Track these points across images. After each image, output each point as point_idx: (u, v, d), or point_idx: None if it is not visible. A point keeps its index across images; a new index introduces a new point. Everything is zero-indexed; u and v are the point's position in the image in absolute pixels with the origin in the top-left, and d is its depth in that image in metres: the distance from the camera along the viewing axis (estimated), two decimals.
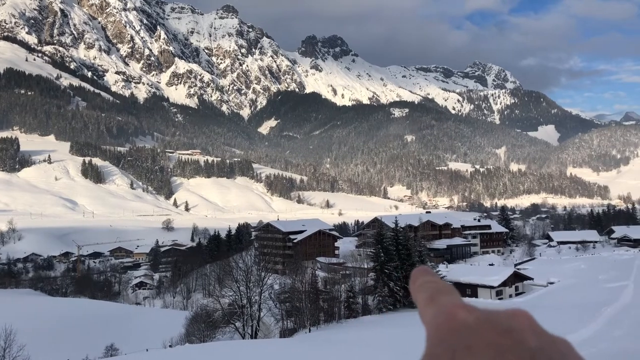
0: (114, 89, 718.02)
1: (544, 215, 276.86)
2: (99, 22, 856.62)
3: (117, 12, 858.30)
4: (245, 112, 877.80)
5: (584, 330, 31.93)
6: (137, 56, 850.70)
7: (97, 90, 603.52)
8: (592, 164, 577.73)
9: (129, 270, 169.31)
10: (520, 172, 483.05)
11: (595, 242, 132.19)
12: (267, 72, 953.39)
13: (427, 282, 0.93)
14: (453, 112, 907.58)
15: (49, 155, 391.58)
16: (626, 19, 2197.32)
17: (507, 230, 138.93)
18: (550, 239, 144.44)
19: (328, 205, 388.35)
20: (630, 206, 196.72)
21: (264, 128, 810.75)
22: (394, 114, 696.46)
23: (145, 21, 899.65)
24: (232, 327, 58.15)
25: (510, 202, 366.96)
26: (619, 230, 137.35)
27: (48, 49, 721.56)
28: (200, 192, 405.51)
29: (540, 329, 0.75)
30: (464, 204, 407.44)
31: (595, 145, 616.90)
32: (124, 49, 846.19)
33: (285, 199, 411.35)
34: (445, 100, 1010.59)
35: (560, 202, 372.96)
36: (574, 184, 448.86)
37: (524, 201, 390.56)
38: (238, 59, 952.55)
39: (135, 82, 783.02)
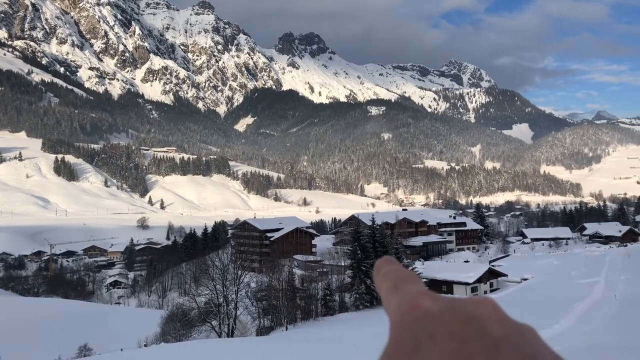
0: (87, 85, 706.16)
1: (518, 213, 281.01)
2: (72, 17, 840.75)
3: (90, 7, 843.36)
4: (222, 109, 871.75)
5: (556, 325, 32.48)
6: (111, 52, 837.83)
7: (70, 86, 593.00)
8: (565, 162, 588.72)
9: (103, 269, 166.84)
10: (495, 170, 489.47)
11: (568, 239, 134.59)
12: (243, 69, 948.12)
13: (391, 271, 0.92)
14: (429, 110, 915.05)
15: (20, 153, 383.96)
16: (597, 20, 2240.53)
17: (482, 227, 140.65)
18: (524, 236, 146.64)
19: (305, 203, 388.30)
20: (601, 204, 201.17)
21: (241, 125, 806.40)
22: (371, 112, 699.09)
23: (119, 16, 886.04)
24: (209, 326, 57.78)
25: (485, 200, 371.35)
26: (591, 227, 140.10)
27: (19, 43, 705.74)
28: (176, 190, 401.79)
29: (505, 317, 0.75)
30: (440, 201, 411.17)
31: (568, 143, 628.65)
32: (98, 45, 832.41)
33: (262, 197, 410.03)
34: (422, 99, 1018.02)
35: (534, 200, 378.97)
36: (547, 181, 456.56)
37: (499, 199, 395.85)
38: (214, 56, 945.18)
39: (109, 78, 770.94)
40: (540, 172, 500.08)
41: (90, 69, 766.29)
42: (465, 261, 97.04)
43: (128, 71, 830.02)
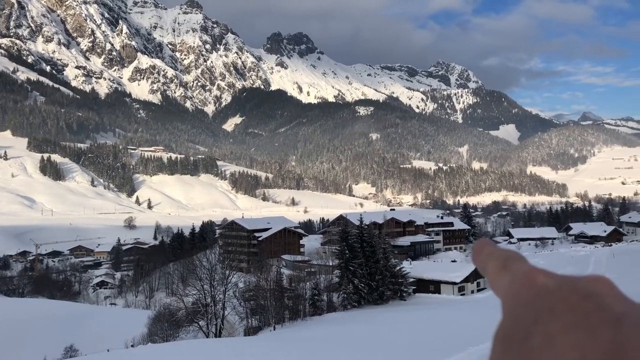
0: (74, 83, 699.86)
1: (504, 213, 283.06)
2: (58, 15, 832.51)
3: (77, 5, 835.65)
4: (210, 109, 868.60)
5: None
6: (98, 50, 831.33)
7: (56, 85, 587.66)
8: (551, 163, 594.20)
9: (89, 270, 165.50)
10: (482, 170, 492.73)
11: (554, 238, 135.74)
12: (232, 68, 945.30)
13: (495, 250, 0.92)
14: (417, 110, 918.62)
15: (5, 152, 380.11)
16: (583, 22, 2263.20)
17: (469, 227, 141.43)
18: (510, 235, 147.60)
19: (293, 202, 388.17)
20: (587, 204, 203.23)
21: (229, 125, 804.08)
22: (359, 112, 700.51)
23: (106, 15, 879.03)
24: (196, 326, 57.60)
25: (472, 200, 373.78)
26: (576, 227, 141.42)
27: (4, 41, 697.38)
28: (164, 190, 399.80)
29: (623, 295, 0.74)
30: (428, 201, 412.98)
31: (554, 144, 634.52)
32: (85, 43, 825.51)
33: (250, 197, 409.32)
34: (410, 99, 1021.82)
35: (521, 200, 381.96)
36: (533, 182, 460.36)
37: (486, 199, 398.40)
38: (202, 55, 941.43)
39: (96, 77, 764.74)
40: (526, 172, 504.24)
41: (77, 67, 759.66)
42: (452, 261, 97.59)
43: (115, 70, 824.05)
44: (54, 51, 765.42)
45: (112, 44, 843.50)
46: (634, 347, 0.59)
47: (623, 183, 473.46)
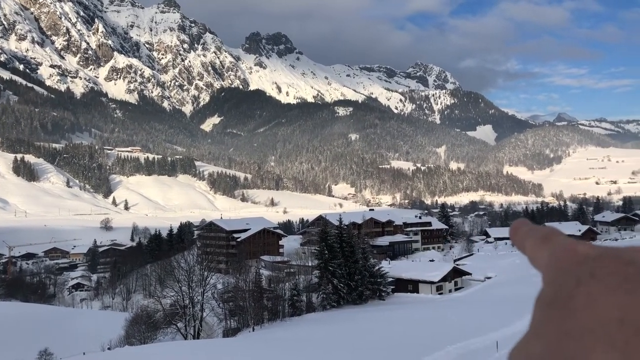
0: (48, 83, 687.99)
1: (482, 213, 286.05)
2: (32, 13, 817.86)
3: (51, 3, 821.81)
4: (188, 109, 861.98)
5: (519, 322, 33.20)
6: (73, 49, 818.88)
7: (30, 84, 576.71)
8: (527, 163, 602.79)
9: (65, 272, 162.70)
10: (460, 170, 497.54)
11: None
12: (210, 68, 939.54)
13: (534, 228, 0.96)
14: (396, 111, 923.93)
15: None
16: (558, 25, 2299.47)
17: (447, 227, 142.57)
18: (487, 235, 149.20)
19: (273, 203, 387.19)
20: (562, 203, 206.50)
21: (207, 125, 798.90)
22: (339, 113, 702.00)
23: (82, 13, 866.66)
24: (174, 328, 57.07)
25: (450, 200, 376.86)
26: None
27: None
28: (141, 191, 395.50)
29: None
30: (406, 201, 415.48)
31: (530, 144, 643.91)
32: (59, 42, 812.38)
33: (229, 197, 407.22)
34: (388, 100, 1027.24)
35: (497, 200, 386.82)
36: (510, 182, 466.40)
37: (463, 199, 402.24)
38: (180, 55, 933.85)
39: (71, 77, 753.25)
40: (503, 172, 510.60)
41: (52, 66, 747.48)
42: (430, 260, 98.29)
43: (91, 69, 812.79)
44: (28, 49, 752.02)
45: (87, 43, 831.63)
46: None
47: (597, 183, 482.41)
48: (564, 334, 0.67)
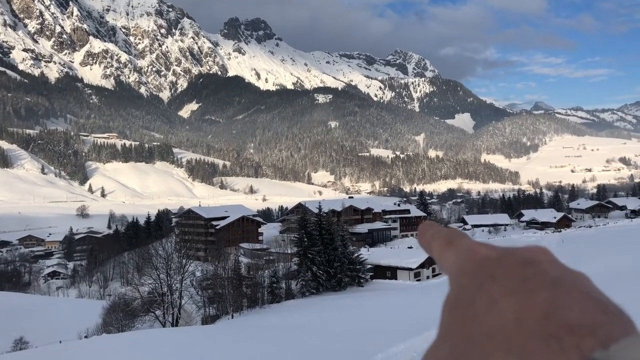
0: (21, 67, 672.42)
1: (459, 200, 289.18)
2: None
3: None
4: (165, 95, 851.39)
5: None
6: (47, 33, 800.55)
7: (1, 68, 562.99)
8: (505, 151, 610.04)
9: (40, 260, 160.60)
10: (438, 158, 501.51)
11: (507, 225, 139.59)
12: (188, 53, 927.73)
13: (440, 230, 0.97)
14: (375, 99, 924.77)
15: None
16: (536, 14, 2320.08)
17: (425, 214, 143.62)
18: (465, 222, 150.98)
19: (252, 191, 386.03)
20: (538, 191, 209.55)
21: (185, 111, 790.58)
22: (318, 100, 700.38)
23: None
24: (152, 316, 56.80)
25: (428, 188, 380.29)
26: (528, 214, 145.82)
27: None
28: (117, 178, 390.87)
29: (559, 262, 0.78)
30: (385, 189, 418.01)
31: (507, 133, 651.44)
32: (32, 25, 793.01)
33: (207, 185, 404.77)
34: (368, 87, 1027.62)
35: (475, 187, 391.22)
36: (487, 169, 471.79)
37: (441, 186, 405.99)
38: (157, 40, 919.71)
39: (45, 61, 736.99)
40: (481, 160, 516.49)
41: (25, 50, 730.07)
42: (409, 247, 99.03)
43: (66, 54, 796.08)
44: (0, 33, 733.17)
45: (62, 27, 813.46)
46: (567, 307, 0.63)
47: (572, 171, 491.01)
48: (467, 339, 0.69)
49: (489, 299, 0.70)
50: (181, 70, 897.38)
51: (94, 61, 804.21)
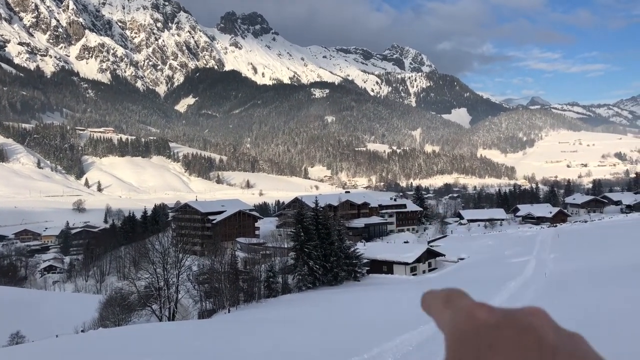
0: (17, 61, 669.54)
1: (455, 195, 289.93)
2: None
3: None
4: (162, 89, 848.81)
5: (490, 302, 33.85)
6: (42, 27, 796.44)
7: None
8: (501, 146, 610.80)
9: (36, 254, 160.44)
10: (434, 153, 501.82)
11: (502, 219, 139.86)
12: (184, 48, 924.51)
13: (436, 292, 0.96)
14: (372, 94, 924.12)
15: None
16: (533, 8, 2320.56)
17: (421, 209, 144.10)
18: (461, 217, 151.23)
19: (248, 185, 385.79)
20: (534, 186, 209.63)
21: (181, 106, 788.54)
22: (315, 95, 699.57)
23: None
24: (149, 310, 56.87)
25: (424, 182, 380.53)
26: (524, 209, 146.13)
27: None
28: (114, 172, 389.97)
29: (557, 326, 0.78)
30: (382, 184, 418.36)
31: (503, 128, 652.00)
32: (28, 19, 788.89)
33: (204, 179, 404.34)
34: (365, 82, 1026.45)
35: (471, 182, 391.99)
36: (483, 164, 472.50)
37: (438, 181, 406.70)
38: (154, 34, 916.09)
39: (41, 55, 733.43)
40: (477, 155, 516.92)
41: (20, 44, 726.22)
42: (405, 242, 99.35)
43: (62, 48, 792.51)
44: None
45: (57, 20, 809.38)
46: None
47: (568, 166, 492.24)
48: None
49: None
50: (178, 65, 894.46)
51: (90, 55, 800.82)
